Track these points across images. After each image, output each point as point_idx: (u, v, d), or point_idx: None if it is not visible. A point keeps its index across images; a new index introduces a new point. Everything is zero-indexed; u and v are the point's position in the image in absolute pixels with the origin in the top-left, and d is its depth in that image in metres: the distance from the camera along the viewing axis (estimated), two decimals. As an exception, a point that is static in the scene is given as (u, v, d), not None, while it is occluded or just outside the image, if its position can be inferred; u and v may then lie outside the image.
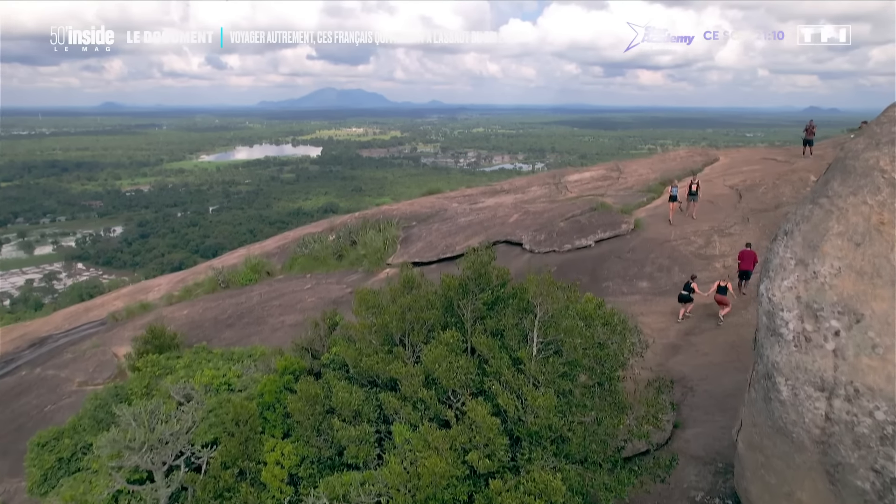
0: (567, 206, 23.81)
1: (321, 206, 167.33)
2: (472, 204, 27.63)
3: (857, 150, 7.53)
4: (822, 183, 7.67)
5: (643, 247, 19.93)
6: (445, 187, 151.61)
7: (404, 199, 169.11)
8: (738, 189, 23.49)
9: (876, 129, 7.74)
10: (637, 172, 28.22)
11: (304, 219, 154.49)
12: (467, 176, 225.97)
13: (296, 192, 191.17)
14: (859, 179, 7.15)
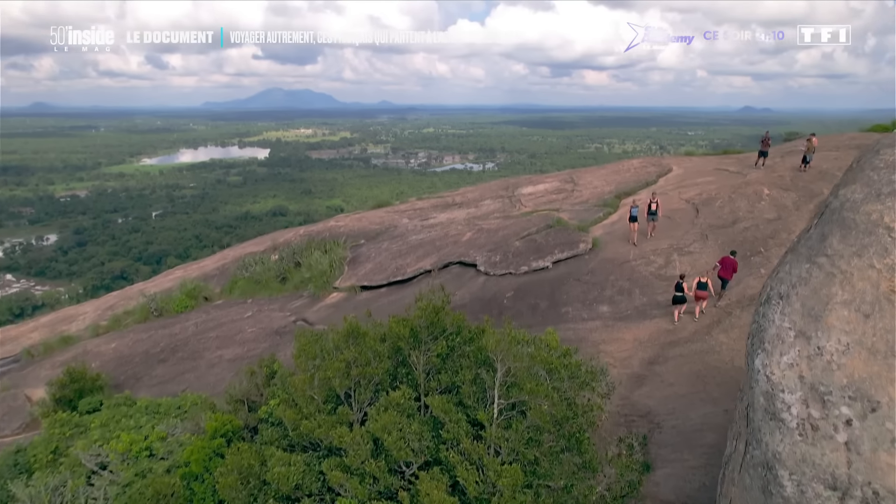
0: (522, 223, 22.86)
1: (270, 210, 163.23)
2: (424, 220, 26.38)
3: (856, 202, 6.65)
4: (817, 237, 6.77)
5: (602, 268, 19.13)
6: (397, 188, 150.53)
7: (355, 200, 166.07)
8: (694, 203, 23.03)
9: (872, 175, 6.89)
10: (592, 185, 27.54)
11: (252, 222, 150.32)
12: (418, 177, 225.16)
13: (243, 195, 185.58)
14: (863, 237, 6.26)
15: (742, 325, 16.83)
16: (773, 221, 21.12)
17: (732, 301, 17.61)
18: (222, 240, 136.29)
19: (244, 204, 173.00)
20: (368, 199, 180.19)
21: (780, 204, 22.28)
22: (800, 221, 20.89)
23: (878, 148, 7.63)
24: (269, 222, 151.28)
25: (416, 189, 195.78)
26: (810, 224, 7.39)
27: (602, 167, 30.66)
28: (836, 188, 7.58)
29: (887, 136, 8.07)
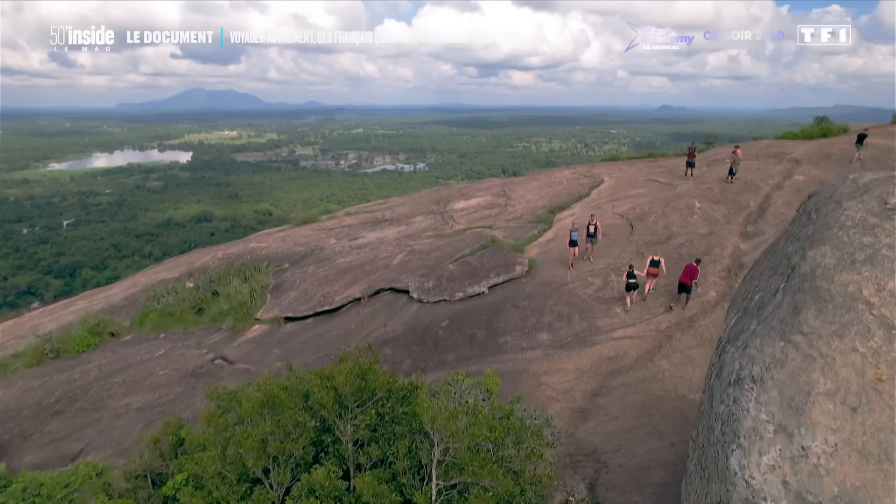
0: (455, 243, 21.86)
1: (194, 215, 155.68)
2: (352, 240, 24.92)
3: (828, 268, 5.93)
4: (790, 309, 5.99)
5: (540, 292, 18.37)
6: (327, 190, 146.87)
7: (284, 203, 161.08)
8: (628, 218, 22.71)
9: (842, 235, 6.21)
10: (525, 199, 26.88)
11: (175, 229, 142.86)
12: (349, 178, 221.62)
13: (165, 200, 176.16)
14: (841, 314, 5.51)
15: (682, 348, 16.47)
16: (706, 237, 21.03)
17: (672, 323, 17.24)
18: (143, 248, 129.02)
19: (166, 210, 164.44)
20: (298, 201, 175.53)
21: (712, 217, 22.28)
22: (731, 235, 20.91)
23: (838, 198, 7.00)
24: (193, 229, 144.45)
25: (346, 191, 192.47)
26: (775, 286, 6.65)
27: (534, 178, 30.10)
28: (797, 243, 6.90)
29: (842, 183, 7.49)
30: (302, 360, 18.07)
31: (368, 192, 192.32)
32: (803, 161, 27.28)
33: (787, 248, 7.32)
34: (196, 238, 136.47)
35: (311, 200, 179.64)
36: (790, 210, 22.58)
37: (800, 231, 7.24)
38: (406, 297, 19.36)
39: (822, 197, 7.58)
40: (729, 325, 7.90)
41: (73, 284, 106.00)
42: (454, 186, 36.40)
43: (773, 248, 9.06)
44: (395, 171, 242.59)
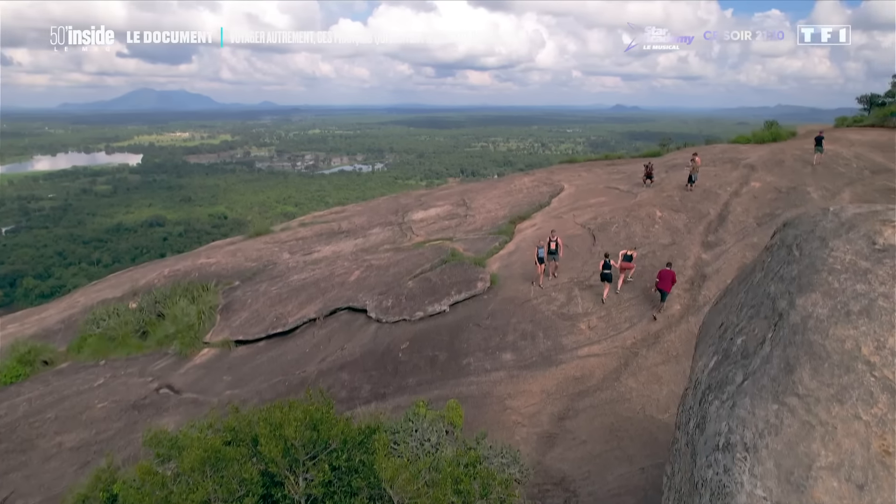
0: (415, 258, 21.09)
1: (146, 220, 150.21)
2: (307, 254, 23.86)
3: (821, 320, 5.42)
4: (781, 366, 5.45)
5: (503, 310, 17.77)
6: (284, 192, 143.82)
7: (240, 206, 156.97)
8: (590, 228, 22.36)
9: (832, 281, 5.71)
10: (485, 209, 26.30)
11: (126, 235, 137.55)
12: (306, 179, 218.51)
13: (114, 205, 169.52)
14: (840, 375, 4.99)
15: (649, 366, 16.11)
16: (668, 247, 20.82)
17: (638, 339, 16.89)
18: (91, 255, 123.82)
19: (116, 215, 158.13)
20: (254, 204, 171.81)
21: (673, 227, 22.12)
22: (693, 246, 20.77)
23: (822, 235, 6.53)
24: (145, 234, 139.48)
25: (304, 193, 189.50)
26: (761, 334, 6.12)
27: (494, 186, 29.56)
28: (781, 285, 6.40)
29: (823, 216, 7.04)
30: (254, 387, 17.05)
31: (326, 193, 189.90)
32: (758, 167, 27.51)
33: (768, 286, 6.83)
34: (148, 244, 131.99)
35: (268, 203, 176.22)
36: (748, 217, 22.63)
37: (782, 269, 6.75)
38: (364, 317, 18.51)
39: (801, 230, 7.12)
40: (707, 365, 7.38)
41: (14, 295, 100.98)
42: (413, 194, 35.59)
43: (748, 278, 8.60)
44: (353, 172, 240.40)
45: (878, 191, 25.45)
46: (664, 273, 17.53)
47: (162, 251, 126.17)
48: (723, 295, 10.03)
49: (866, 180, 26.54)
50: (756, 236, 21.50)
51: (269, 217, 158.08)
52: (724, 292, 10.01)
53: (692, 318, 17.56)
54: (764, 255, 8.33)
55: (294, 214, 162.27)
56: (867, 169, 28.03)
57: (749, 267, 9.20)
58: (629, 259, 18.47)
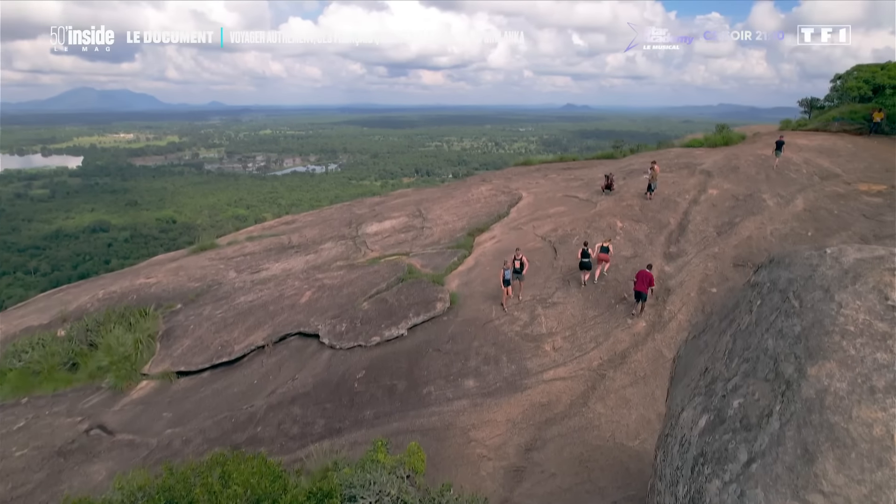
0: (370, 276, 19.99)
1: (88, 225, 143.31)
2: (255, 272, 22.42)
3: (840, 396, 4.69)
4: (797, 452, 4.69)
5: (464, 333, 16.89)
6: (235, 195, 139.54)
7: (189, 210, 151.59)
8: (551, 241, 21.73)
9: (847, 347, 5.00)
10: (442, 220, 25.35)
11: (66, 241, 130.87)
12: (258, 181, 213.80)
13: (52, 210, 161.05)
14: (872, 470, 4.25)
15: (616, 388, 15.52)
16: (630, 259, 20.36)
17: (604, 360, 16.28)
18: (28, 264, 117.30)
19: (54, 220, 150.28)
20: (204, 207, 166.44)
21: (634, 238, 21.70)
22: (655, 258, 20.36)
23: (824, 285, 5.85)
24: (87, 240, 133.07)
25: (256, 195, 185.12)
26: (764, 403, 5.38)
27: (451, 196, 28.65)
28: (783, 342, 5.69)
29: (821, 260, 6.38)
30: (197, 424, 15.67)
31: (279, 195, 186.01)
32: (714, 174, 27.48)
33: (764, 339, 6.13)
34: (92, 250, 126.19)
35: (219, 206, 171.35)
36: (708, 227, 22.41)
37: (779, 321, 6.05)
38: (317, 343, 17.33)
39: (797, 274, 6.45)
40: (695, 422, 6.63)
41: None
42: (367, 202, 34.38)
43: (732, 316, 7.96)
44: (306, 174, 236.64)
45: (828, 197, 25.71)
46: (642, 274, 17.37)
47: (107, 258, 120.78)
48: (702, 330, 9.38)
49: (816, 186, 26.82)
50: (717, 246, 21.28)
51: (219, 220, 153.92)
52: (704, 327, 9.37)
53: (658, 335, 17.08)
54: (750, 294, 7.66)
55: (246, 217, 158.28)
56: (816, 175, 28.38)
57: (731, 303, 8.56)
58: (606, 251, 19.03)
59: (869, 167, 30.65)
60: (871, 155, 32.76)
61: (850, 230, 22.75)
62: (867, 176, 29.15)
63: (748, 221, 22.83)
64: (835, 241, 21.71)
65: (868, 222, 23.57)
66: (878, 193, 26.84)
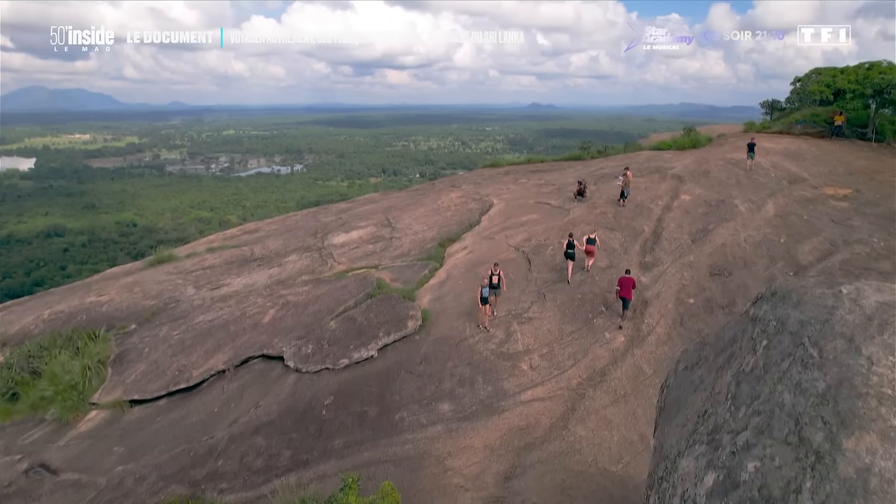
0: (337, 292, 19.06)
1: (42, 230, 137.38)
2: (215, 288, 21.22)
3: (888, 481, 4.08)
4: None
5: (437, 353, 16.11)
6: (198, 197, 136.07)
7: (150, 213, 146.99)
8: (524, 251, 21.12)
9: (887, 414, 4.41)
10: (412, 230, 24.50)
11: (19, 247, 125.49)
12: (221, 183, 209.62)
13: (3, 214, 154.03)
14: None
15: (597, 408, 14.96)
16: (606, 270, 19.89)
17: (583, 378, 15.71)
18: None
19: (5, 225, 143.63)
20: (166, 210, 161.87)
21: (609, 247, 21.25)
22: (630, 267, 19.90)
23: (846, 333, 5.25)
24: (42, 245, 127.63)
25: (219, 197, 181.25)
26: (788, 472, 4.75)
27: (420, 204, 27.80)
28: (803, 400, 5.08)
29: (838, 301, 5.80)
30: (152, 460, 14.53)
31: (244, 196, 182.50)
32: (686, 178, 27.30)
33: (779, 391, 5.52)
34: (46, 256, 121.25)
35: (181, 208, 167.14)
36: (682, 234, 22.12)
37: (794, 370, 5.45)
38: (281, 366, 16.33)
39: (809, 316, 5.87)
40: (699, 478, 5.99)
41: None
42: (333, 209, 33.29)
43: (731, 351, 7.41)
44: (271, 174, 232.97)
45: (797, 201, 25.76)
46: (624, 280, 17.16)
47: (62, 263, 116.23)
48: (696, 362, 8.78)
49: (785, 191, 26.87)
50: (692, 254, 20.98)
51: (182, 222, 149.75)
52: (697, 359, 8.77)
53: (637, 350, 16.60)
54: (751, 330, 7.07)
55: (209, 220, 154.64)
56: (784, 179, 28.47)
57: (727, 335, 7.99)
58: (592, 242, 19.38)
59: (833, 171, 30.95)
60: (834, 158, 33.12)
61: (820, 236, 22.73)
62: (832, 180, 29.40)
63: (721, 228, 22.62)
64: (807, 248, 21.69)
65: (837, 227, 23.61)
66: (845, 198, 27.01)
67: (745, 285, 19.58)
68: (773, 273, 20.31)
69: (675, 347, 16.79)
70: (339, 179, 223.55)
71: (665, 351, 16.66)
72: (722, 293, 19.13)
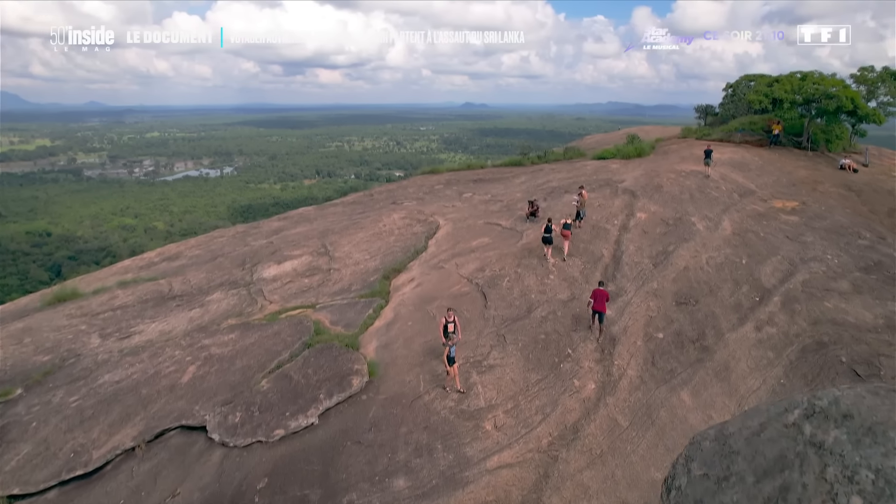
0: (269, 340, 16.58)
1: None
2: (125, 336, 18.23)
3: None
4: None
5: (389, 416, 13.98)
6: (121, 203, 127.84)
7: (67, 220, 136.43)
8: (478, 283, 19.24)
9: None
10: (352, 258, 22.16)
11: None
12: (146, 188, 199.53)
13: None
14: None
15: (572, 472, 13.24)
16: (568, 304, 18.29)
17: (554, 437, 13.98)
18: None
19: None
20: (85, 217, 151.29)
21: (569, 276, 19.71)
22: (594, 300, 18.44)
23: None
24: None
25: (144, 202, 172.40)
26: None
27: (360, 227, 25.40)
28: None
29: None
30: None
31: (171, 202, 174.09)
32: (639, 194, 26.23)
33: None
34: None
35: (102, 215, 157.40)
36: (643, 258, 20.87)
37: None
38: (204, 439, 13.78)
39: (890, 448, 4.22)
40: None
41: None
42: (263, 228, 30.34)
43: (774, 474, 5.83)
44: (199, 178, 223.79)
45: (751, 217, 25.15)
46: (598, 293, 16.61)
47: None
48: (724, 475, 7.10)
49: (738, 205, 26.26)
50: (655, 280, 19.72)
51: (103, 231, 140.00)
52: (725, 472, 7.07)
53: (610, 398, 15.04)
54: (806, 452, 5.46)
55: (134, 227, 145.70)
56: (735, 192, 27.94)
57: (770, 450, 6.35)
58: (568, 227, 20.55)
59: (777, 181, 30.77)
60: (776, 168, 33.08)
61: (778, 255, 22.04)
62: (778, 191, 29.13)
63: (682, 249, 21.53)
64: (768, 269, 20.86)
65: (792, 245, 23.04)
66: (793, 211, 26.67)
67: (714, 314, 18.47)
68: (740, 299, 19.33)
69: (650, 392, 15.38)
70: (272, 182, 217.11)
71: (639, 398, 15.18)
72: (691, 325, 17.92)
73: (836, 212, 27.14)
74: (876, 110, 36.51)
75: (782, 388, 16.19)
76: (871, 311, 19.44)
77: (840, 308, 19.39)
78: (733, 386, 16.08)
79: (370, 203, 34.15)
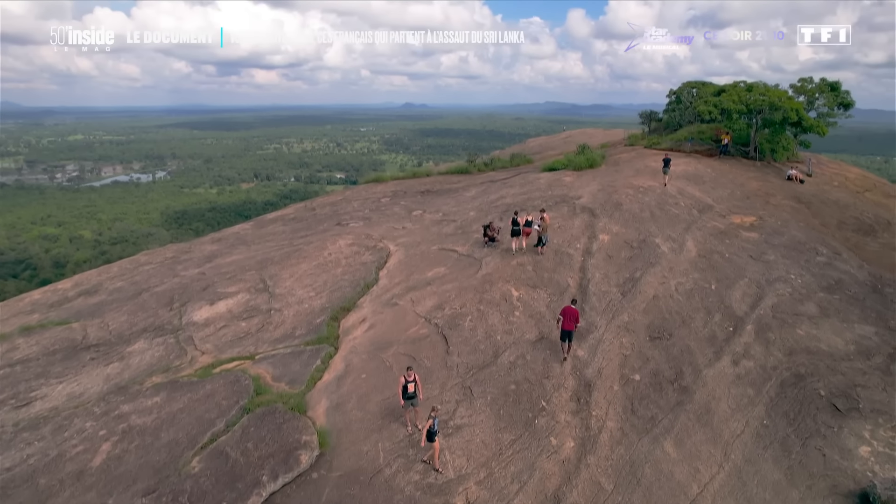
0: (200, 405, 14.26)
1: None
2: (23, 404, 15.34)
3: None
4: None
5: (345, 499, 11.96)
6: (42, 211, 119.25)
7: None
8: (437, 325, 17.42)
9: None
10: (295, 295, 19.89)
11: None
12: (70, 194, 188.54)
13: None
14: None
15: (555, 554, 11.66)
16: (537, 345, 16.75)
17: None
18: None
19: None
20: (0, 227, 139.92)
21: (536, 311, 18.20)
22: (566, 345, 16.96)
23: None
24: None
25: (68, 210, 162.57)
26: None
27: (303, 256, 23.01)
28: None
29: None
30: None
31: (98, 209, 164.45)
32: (598, 212, 25.08)
33: None
34: None
35: (20, 225, 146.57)
36: (610, 286, 19.63)
37: None
38: (119, 541, 11.43)
39: None
40: None
41: None
42: (195, 254, 27.51)
43: None
44: (130, 183, 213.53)
45: (713, 235, 24.45)
46: (568, 311, 15.83)
47: None
48: None
49: (698, 222, 25.56)
50: (625, 312, 18.47)
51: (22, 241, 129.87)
52: None
53: (591, 457, 13.54)
54: None
55: (57, 237, 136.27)
56: (694, 208, 27.27)
57: None
58: (529, 224, 21.46)
59: (732, 194, 30.43)
60: (729, 180, 32.80)
61: (745, 277, 21.31)
62: (734, 205, 28.71)
63: (649, 275, 20.42)
64: (738, 294, 19.98)
65: (757, 265, 22.40)
66: (752, 227, 26.21)
67: (689, 349, 17.35)
68: (714, 330, 18.32)
69: (632, 446, 13.99)
70: (208, 186, 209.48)
71: (622, 454, 13.75)
72: (667, 362, 16.70)
73: (791, 226, 26.84)
74: (819, 122, 36.94)
75: (766, 430, 15.19)
76: (842, 337, 18.87)
77: (812, 335, 18.71)
78: (716, 431, 14.93)
79: (312, 221, 31.82)
